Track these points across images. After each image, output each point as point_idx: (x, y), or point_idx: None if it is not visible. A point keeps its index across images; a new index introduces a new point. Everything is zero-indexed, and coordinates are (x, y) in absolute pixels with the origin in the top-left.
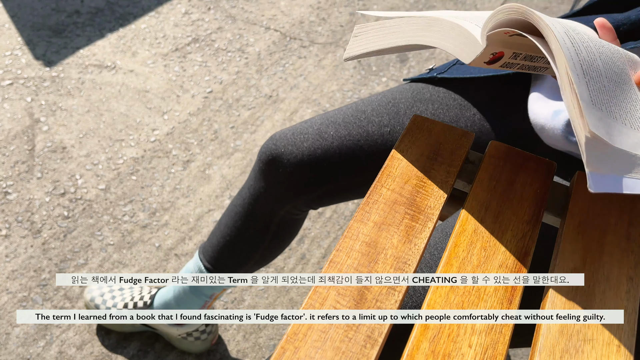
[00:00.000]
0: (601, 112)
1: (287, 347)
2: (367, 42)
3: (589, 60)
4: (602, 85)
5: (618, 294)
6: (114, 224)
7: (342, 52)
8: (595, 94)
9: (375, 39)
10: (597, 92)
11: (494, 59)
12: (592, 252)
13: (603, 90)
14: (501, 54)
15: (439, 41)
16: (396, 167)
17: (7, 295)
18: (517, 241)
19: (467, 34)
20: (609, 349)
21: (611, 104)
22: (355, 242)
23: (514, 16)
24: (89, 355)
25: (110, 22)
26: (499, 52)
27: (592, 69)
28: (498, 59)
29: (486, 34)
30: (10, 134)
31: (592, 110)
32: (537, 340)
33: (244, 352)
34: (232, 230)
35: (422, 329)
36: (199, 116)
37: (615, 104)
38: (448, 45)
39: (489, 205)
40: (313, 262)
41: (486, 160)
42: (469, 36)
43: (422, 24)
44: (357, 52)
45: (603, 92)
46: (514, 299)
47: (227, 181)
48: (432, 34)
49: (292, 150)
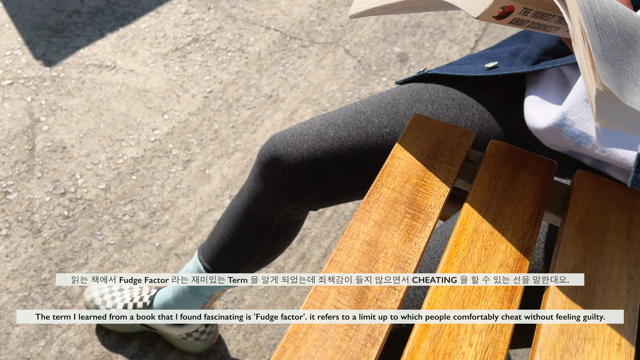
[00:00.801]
0: (613, 68)
1: (288, 346)
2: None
3: (603, 15)
4: (615, 42)
5: (618, 293)
6: (114, 224)
7: (342, 52)
8: (608, 49)
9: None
10: (610, 47)
11: (503, 14)
12: (592, 251)
13: (616, 47)
14: (511, 8)
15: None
16: (397, 166)
17: (7, 294)
18: (518, 240)
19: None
20: (609, 347)
21: (623, 62)
22: (356, 241)
23: None
24: (89, 355)
25: (111, 21)
26: (509, 5)
27: (606, 24)
28: (507, 14)
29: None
30: (10, 133)
31: (604, 63)
32: (537, 339)
33: (244, 352)
34: (231, 232)
35: (423, 328)
36: (199, 116)
37: (628, 63)
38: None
39: (489, 204)
40: (313, 261)
41: (487, 159)
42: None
43: None
44: (363, 8)
45: (616, 49)
46: (515, 298)
47: (227, 181)
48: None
49: (292, 151)
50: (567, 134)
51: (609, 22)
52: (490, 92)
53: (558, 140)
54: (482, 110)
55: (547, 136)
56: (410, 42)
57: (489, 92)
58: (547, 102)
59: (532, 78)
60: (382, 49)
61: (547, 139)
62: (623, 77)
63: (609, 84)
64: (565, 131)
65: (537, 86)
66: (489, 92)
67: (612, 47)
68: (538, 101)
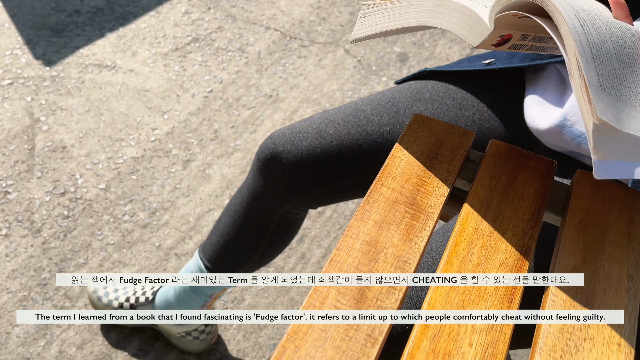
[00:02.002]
0: (610, 97)
1: (288, 346)
2: (375, 23)
3: (600, 42)
4: (612, 68)
5: (618, 293)
6: (114, 224)
7: (342, 52)
8: (605, 77)
9: (384, 20)
10: (607, 75)
11: (501, 41)
12: (592, 251)
13: (613, 74)
14: (509, 36)
15: (447, 23)
16: (397, 166)
17: (7, 294)
18: (518, 240)
19: (475, 16)
20: (609, 347)
21: (621, 87)
22: (356, 241)
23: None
24: (89, 354)
25: (110, 21)
26: (507, 34)
27: (603, 52)
28: (506, 41)
29: (494, 17)
30: (10, 133)
31: (601, 95)
32: (537, 339)
33: (244, 352)
34: (231, 230)
35: (423, 328)
36: (199, 116)
37: (626, 87)
38: (456, 28)
39: (489, 204)
40: (313, 261)
41: (487, 159)
42: (477, 19)
43: (430, 4)
44: (364, 33)
45: (613, 75)
46: (515, 298)
47: (227, 181)
48: (440, 15)
49: (291, 149)
50: (567, 134)
51: (606, 48)
52: (491, 92)
53: (559, 141)
54: (483, 110)
55: (547, 136)
56: (410, 42)
57: (490, 92)
58: (547, 102)
59: (532, 78)
60: (382, 49)
61: (547, 139)
62: (620, 103)
63: (605, 116)
64: (566, 132)
65: (537, 86)
66: (489, 92)
67: (609, 75)
68: (538, 101)
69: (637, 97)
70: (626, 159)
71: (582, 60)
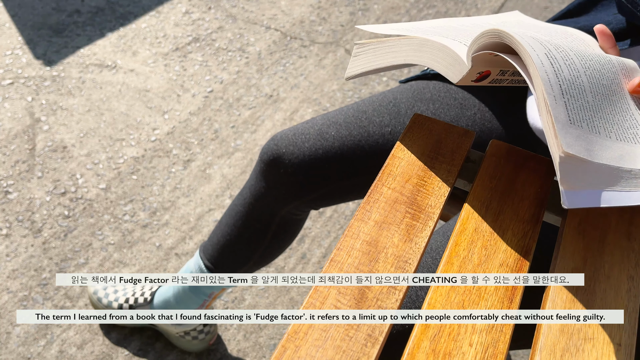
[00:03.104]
0: (580, 130)
1: (288, 346)
2: (367, 61)
3: (571, 78)
4: (586, 101)
5: (619, 293)
6: (114, 224)
7: (342, 52)
8: (576, 111)
9: (374, 58)
10: (579, 109)
11: (481, 77)
12: (592, 251)
13: (586, 107)
14: (488, 72)
15: (430, 62)
16: (397, 166)
17: (7, 294)
18: (518, 240)
19: (454, 55)
20: (609, 347)
21: (595, 118)
22: (356, 241)
23: (496, 40)
24: (90, 354)
25: (111, 21)
26: (485, 70)
27: (574, 87)
28: (485, 77)
29: (471, 56)
30: (10, 133)
31: (568, 129)
32: (537, 339)
33: (244, 352)
34: (232, 230)
35: (423, 328)
36: (200, 116)
37: (601, 118)
38: (438, 66)
39: (489, 204)
40: (314, 261)
41: (487, 159)
42: (457, 57)
43: (415, 44)
44: (357, 71)
45: (586, 108)
46: (515, 298)
47: (227, 181)
48: (424, 54)
49: (293, 150)
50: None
51: (578, 83)
52: (492, 91)
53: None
54: (484, 110)
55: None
56: None
57: (491, 92)
58: None
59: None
60: None
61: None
62: (593, 134)
63: (572, 149)
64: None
65: None
66: (490, 91)
67: (581, 108)
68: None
69: (612, 127)
70: (595, 188)
71: (549, 97)
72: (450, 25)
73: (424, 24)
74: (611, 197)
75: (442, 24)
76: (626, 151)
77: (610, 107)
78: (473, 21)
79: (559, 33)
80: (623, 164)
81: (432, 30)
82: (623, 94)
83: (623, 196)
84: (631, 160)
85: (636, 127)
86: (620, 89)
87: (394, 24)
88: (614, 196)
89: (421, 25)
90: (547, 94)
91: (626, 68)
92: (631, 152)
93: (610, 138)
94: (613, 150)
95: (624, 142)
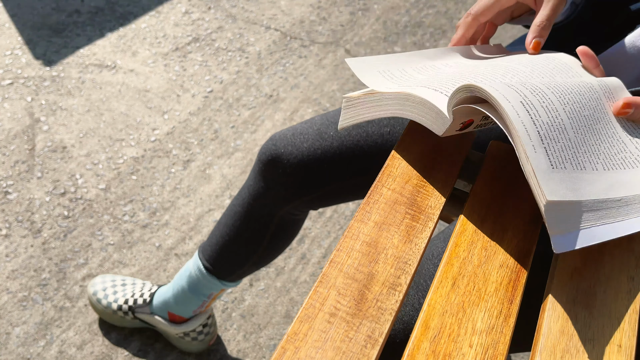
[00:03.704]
0: (564, 172)
1: (288, 347)
2: (357, 114)
3: (550, 120)
4: (567, 139)
5: (619, 294)
6: (114, 224)
7: (342, 52)
8: (557, 154)
9: (363, 110)
10: (560, 150)
11: (464, 126)
12: (592, 252)
13: (568, 145)
14: (471, 121)
15: (414, 115)
16: (397, 167)
17: (7, 295)
18: (518, 241)
19: (436, 109)
20: (610, 348)
21: (579, 154)
22: (356, 242)
23: (472, 94)
24: (89, 355)
25: (111, 21)
26: (468, 119)
27: (554, 129)
28: (469, 124)
29: (452, 110)
30: (10, 133)
31: (551, 175)
32: (537, 340)
33: (244, 352)
34: (231, 230)
35: (423, 329)
36: (199, 116)
37: (585, 152)
38: (422, 119)
39: (489, 205)
40: (313, 261)
41: (487, 160)
42: (439, 112)
43: (399, 98)
44: (350, 122)
45: (568, 147)
46: (515, 299)
47: (227, 181)
48: (407, 108)
49: (292, 150)
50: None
51: (558, 123)
52: None
53: None
54: None
55: None
56: (410, 41)
57: None
58: None
59: None
60: (383, 49)
61: None
62: (578, 172)
63: (556, 196)
64: None
65: None
66: None
67: (562, 149)
68: None
69: (599, 158)
70: (586, 226)
71: (528, 147)
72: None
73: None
74: (604, 232)
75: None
76: (615, 179)
77: (594, 138)
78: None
79: (540, 63)
80: (612, 194)
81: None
82: (608, 119)
83: (616, 227)
84: (620, 187)
85: (624, 151)
86: (604, 115)
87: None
88: (607, 230)
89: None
90: (525, 144)
91: (610, 90)
92: (620, 179)
93: (596, 170)
94: (601, 182)
95: (611, 170)
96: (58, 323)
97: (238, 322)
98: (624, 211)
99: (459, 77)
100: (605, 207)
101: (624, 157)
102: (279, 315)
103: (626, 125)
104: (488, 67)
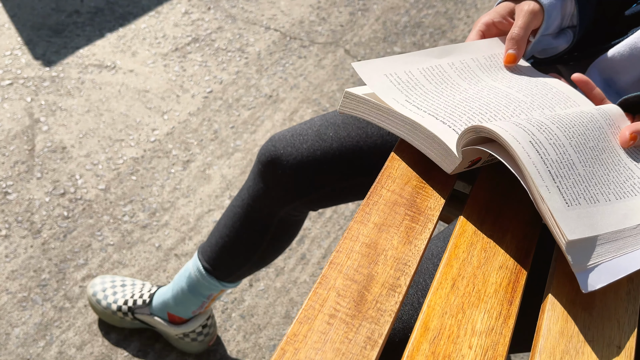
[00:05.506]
0: (579, 208)
1: (287, 349)
2: (361, 110)
3: (558, 158)
4: (577, 174)
5: (618, 295)
6: (113, 224)
7: (342, 52)
8: (570, 191)
9: (369, 113)
10: (572, 186)
11: (473, 163)
12: None
13: (579, 181)
14: (479, 158)
15: (424, 148)
16: (396, 168)
17: (7, 295)
18: (518, 242)
19: (445, 146)
20: (609, 350)
21: (590, 187)
22: (356, 243)
23: (481, 134)
24: (89, 355)
25: (110, 21)
26: (476, 157)
27: (563, 166)
28: (478, 161)
29: (461, 150)
30: (10, 134)
31: (567, 214)
32: (537, 341)
33: (244, 353)
34: (230, 231)
35: (422, 330)
36: (199, 116)
37: (595, 184)
38: (432, 154)
39: (489, 207)
40: (313, 262)
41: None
42: (447, 149)
43: (407, 123)
44: (351, 112)
45: (579, 182)
46: (514, 300)
47: (227, 181)
48: (417, 138)
49: (291, 151)
50: None
51: (566, 159)
52: None
53: None
54: None
55: None
56: (410, 42)
57: None
58: None
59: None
60: (382, 49)
61: None
62: (592, 206)
63: (576, 234)
64: None
65: None
66: None
67: (574, 184)
68: None
69: (610, 188)
70: (606, 259)
71: (542, 189)
72: (441, 66)
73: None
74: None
75: (434, 63)
76: (629, 207)
77: (602, 169)
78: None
79: (538, 93)
80: (628, 223)
81: (422, 79)
82: (612, 147)
83: (637, 256)
84: (634, 215)
85: (632, 177)
86: (608, 144)
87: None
88: (629, 260)
89: (413, 68)
90: (539, 187)
91: (610, 118)
92: (633, 206)
93: (610, 201)
94: (616, 213)
95: (624, 198)
96: (58, 323)
97: (238, 323)
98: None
99: (466, 108)
100: (622, 236)
101: (634, 184)
102: (279, 315)
103: (629, 151)
104: (490, 94)
